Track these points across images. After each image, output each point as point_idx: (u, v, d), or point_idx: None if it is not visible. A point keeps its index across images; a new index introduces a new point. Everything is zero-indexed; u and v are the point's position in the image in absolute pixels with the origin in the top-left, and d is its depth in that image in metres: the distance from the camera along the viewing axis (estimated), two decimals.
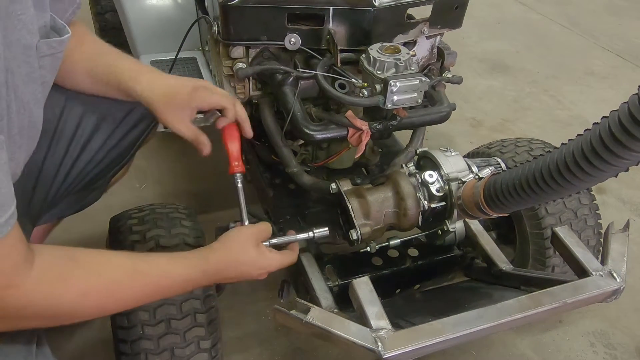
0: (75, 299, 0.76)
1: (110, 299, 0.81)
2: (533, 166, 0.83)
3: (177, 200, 1.77)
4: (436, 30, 1.31)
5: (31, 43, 0.73)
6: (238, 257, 0.96)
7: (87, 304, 0.78)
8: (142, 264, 0.85)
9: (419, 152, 1.19)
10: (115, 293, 0.81)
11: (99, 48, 1.06)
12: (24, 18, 0.70)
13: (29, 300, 0.71)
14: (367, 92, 1.11)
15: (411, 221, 1.11)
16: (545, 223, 1.32)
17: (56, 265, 0.75)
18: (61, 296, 0.74)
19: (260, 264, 0.98)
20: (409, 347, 0.85)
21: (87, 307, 0.78)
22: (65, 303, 0.75)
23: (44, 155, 1.04)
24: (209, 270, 0.92)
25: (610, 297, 0.99)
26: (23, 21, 0.70)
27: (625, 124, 0.65)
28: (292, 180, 1.34)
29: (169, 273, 0.88)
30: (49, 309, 0.74)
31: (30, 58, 0.73)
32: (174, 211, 1.19)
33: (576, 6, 3.81)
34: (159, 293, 0.89)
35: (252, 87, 1.31)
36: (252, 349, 1.46)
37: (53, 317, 0.77)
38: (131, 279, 0.83)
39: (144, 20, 1.81)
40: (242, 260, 0.96)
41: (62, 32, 0.81)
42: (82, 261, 0.78)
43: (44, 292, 0.72)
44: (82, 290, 0.76)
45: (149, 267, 0.86)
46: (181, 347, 1.01)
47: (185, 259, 0.92)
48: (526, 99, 2.72)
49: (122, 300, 0.84)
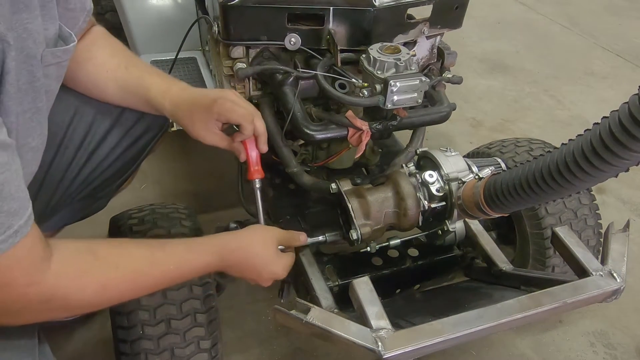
0: (95, 291, 0.78)
1: (129, 288, 0.84)
2: (533, 166, 0.83)
3: (177, 200, 1.78)
4: (436, 30, 1.31)
5: (36, 52, 0.73)
6: (258, 252, 0.98)
7: (108, 295, 0.81)
8: (160, 254, 0.87)
9: (419, 152, 1.19)
10: (134, 283, 0.84)
11: (128, 59, 1.07)
12: (31, 27, 0.71)
13: (52, 295, 0.74)
14: (367, 92, 1.11)
15: (411, 221, 1.11)
16: (545, 223, 1.32)
17: (75, 260, 0.77)
18: (82, 290, 0.77)
19: (273, 268, 1.00)
20: (409, 347, 0.85)
21: (108, 297, 0.81)
22: (86, 295, 0.77)
23: (51, 160, 1.04)
24: (226, 258, 0.95)
25: (610, 297, 0.98)
26: (29, 30, 0.71)
27: (626, 124, 0.65)
28: (292, 180, 1.34)
29: (187, 260, 0.90)
30: (72, 301, 0.77)
31: (33, 67, 0.73)
32: (174, 211, 1.19)
33: (576, 6, 3.81)
34: (177, 279, 0.91)
35: (252, 87, 1.31)
36: (252, 349, 1.46)
37: (76, 308, 0.82)
38: (150, 269, 0.85)
39: (144, 20, 1.82)
40: (261, 257, 0.98)
41: (69, 41, 0.82)
42: (101, 254, 0.80)
43: (65, 287, 0.75)
44: (101, 283, 0.78)
45: (167, 256, 0.88)
46: (181, 347, 1.01)
47: (203, 245, 0.94)
48: (526, 99, 2.72)
49: (142, 289, 0.87)
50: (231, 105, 1.01)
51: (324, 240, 1.17)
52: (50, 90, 0.82)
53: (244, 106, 1.03)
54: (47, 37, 0.76)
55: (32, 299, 0.72)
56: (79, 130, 1.07)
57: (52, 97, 0.85)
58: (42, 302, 0.73)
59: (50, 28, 0.77)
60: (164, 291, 1.03)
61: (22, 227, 0.67)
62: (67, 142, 1.06)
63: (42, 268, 0.72)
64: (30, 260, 0.70)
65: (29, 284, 0.71)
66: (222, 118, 1.02)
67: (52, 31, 0.78)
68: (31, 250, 0.70)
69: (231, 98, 1.03)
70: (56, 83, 0.83)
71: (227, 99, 1.02)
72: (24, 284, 0.70)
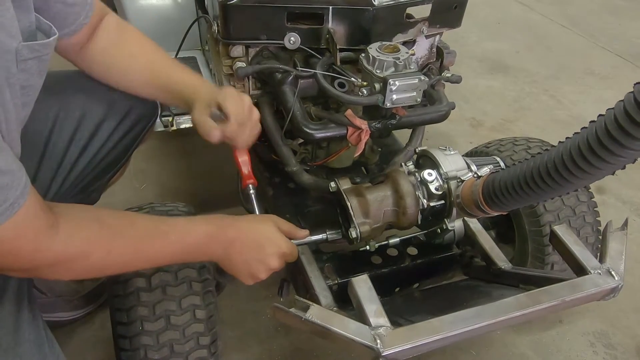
0: (101, 257, 0.82)
1: (133, 257, 0.87)
2: (532, 164, 0.83)
3: (177, 199, 1.78)
4: (435, 29, 1.31)
5: (10, 47, 0.70)
6: (258, 227, 1.00)
7: (113, 260, 0.84)
8: (163, 225, 0.91)
9: (418, 151, 1.19)
10: (137, 252, 0.87)
11: (155, 55, 1.11)
12: (3, 20, 0.68)
13: (58, 260, 0.78)
14: (367, 91, 1.11)
15: (410, 220, 1.11)
16: (543, 220, 1.32)
17: (82, 227, 0.80)
18: (88, 256, 0.80)
19: (277, 240, 1.00)
20: (407, 345, 0.85)
21: (113, 263, 0.85)
22: (92, 260, 0.81)
23: (38, 163, 1.04)
24: (225, 230, 0.96)
25: (608, 295, 0.99)
26: (1, 24, 0.68)
27: (622, 122, 0.65)
28: (291, 179, 1.34)
29: (188, 230, 0.92)
30: (78, 266, 0.81)
31: (8, 62, 0.71)
32: (173, 209, 1.19)
33: (576, 6, 3.81)
34: (179, 252, 0.93)
35: (252, 86, 1.32)
36: (251, 348, 1.46)
37: (81, 272, 0.85)
38: (152, 239, 0.88)
39: (144, 19, 1.82)
40: (262, 231, 1.00)
41: (49, 33, 0.80)
42: (106, 222, 0.83)
43: (72, 253, 0.79)
44: (106, 249, 0.82)
45: (169, 227, 0.91)
46: (180, 343, 1.01)
47: (204, 218, 0.97)
48: (526, 99, 2.72)
49: (145, 259, 0.90)
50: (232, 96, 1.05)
51: (324, 238, 1.17)
52: (29, 86, 0.79)
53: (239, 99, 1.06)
54: (22, 30, 0.73)
55: (39, 264, 0.77)
56: (67, 128, 1.07)
57: (34, 93, 0.83)
58: (49, 265, 0.78)
59: (24, 20, 0.74)
60: (164, 287, 1.03)
61: (18, 199, 0.69)
62: (55, 142, 1.06)
63: (49, 234, 0.75)
64: (36, 229, 0.73)
65: (36, 250, 0.74)
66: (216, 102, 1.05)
67: (25, 23, 0.75)
68: (34, 219, 0.72)
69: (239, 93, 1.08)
70: (38, 78, 0.81)
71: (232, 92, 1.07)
72: (31, 250, 0.74)
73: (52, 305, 1.45)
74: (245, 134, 1.09)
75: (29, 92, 0.80)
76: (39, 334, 0.89)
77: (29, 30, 0.77)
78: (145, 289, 1.03)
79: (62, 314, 1.47)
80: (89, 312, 1.50)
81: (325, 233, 1.17)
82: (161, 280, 1.04)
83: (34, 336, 0.88)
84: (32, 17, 0.77)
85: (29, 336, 0.87)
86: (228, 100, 1.04)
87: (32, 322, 0.89)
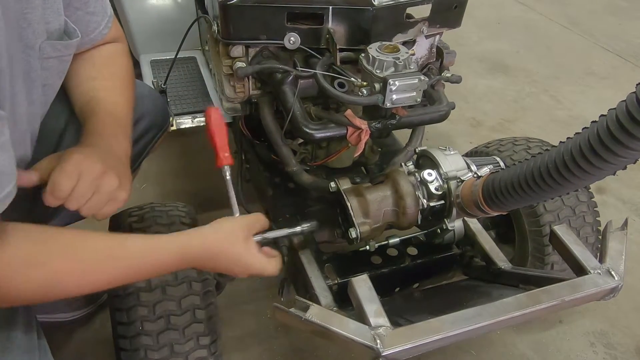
0: (46, 280, 0.75)
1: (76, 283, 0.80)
2: (532, 164, 0.83)
3: (177, 199, 1.78)
4: (435, 29, 1.31)
5: (34, 43, 0.73)
6: (222, 249, 0.92)
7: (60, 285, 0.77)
8: (118, 250, 0.84)
9: (418, 151, 1.19)
10: (85, 275, 0.80)
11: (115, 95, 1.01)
12: (30, 17, 0.71)
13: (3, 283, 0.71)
14: (367, 91, 1.11)
15: (410, 220, 1.11)
16: (543, 220, 1.32)
17: (25, 248, 0.73)
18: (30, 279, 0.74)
19: (245, 262, 0.94)
20: (407, 345, 0.85)
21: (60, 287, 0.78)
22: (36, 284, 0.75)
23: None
24: (188, 258, 0.90)
25: (608, 295, 0.99)
26: (28, 20, 0.71)
27: (623, 122, 0.65)
28: (291, 179, 1.34)
29: (144, 261, 0.86)
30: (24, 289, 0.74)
31: (30, 57, 0.74)
32: (173, 209, 1.20)
33: (576, 6, 3.81)
34: (133, 278, 0.88)
35: (252, 86, 1.31)
36: (251, 348, 1.46)
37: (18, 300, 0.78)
38: (103, 263, 0.81)
39: (144, 20, 1.82)
40: (227, 253, 0.93)
41: (73, 36, 0.82)
42: (53, 243, 0.77)
43: (14, 274, 0.72)
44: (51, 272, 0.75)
45: (123, 252, 0.84)
46: (180, 343, 1.01)
47: (165, 245, 0.88)
48: (526, 99, 2.72)
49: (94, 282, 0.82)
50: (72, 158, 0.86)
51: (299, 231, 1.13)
52: (49, 85, 0.81)
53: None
54: (49, 31, 0.77)
55: None
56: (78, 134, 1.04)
57: (53, 93, 0.84)
58: None
59: (53, 22, 0.78)
60: (164, 287, 1.03)
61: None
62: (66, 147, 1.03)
63: None
64: None
65: None
66: None
67: (54, 25, 0.78)
68: None
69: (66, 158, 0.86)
70: (57, 78, 0.83)
71: None
72: None
73: (52, 307, 1.45)
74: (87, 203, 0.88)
75: (47, 91, 0.82)
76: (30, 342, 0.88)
77: (58, 33, 0.79)
78: (145, 289, 1.03)
79: (62, 315, 1.47)
80: (89, 312, 1.50)
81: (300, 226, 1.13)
82: (161, 280, 1.04)
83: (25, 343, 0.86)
84: (62, 20, 0.80)
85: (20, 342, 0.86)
86: (56, 170, 0.84)
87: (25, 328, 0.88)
